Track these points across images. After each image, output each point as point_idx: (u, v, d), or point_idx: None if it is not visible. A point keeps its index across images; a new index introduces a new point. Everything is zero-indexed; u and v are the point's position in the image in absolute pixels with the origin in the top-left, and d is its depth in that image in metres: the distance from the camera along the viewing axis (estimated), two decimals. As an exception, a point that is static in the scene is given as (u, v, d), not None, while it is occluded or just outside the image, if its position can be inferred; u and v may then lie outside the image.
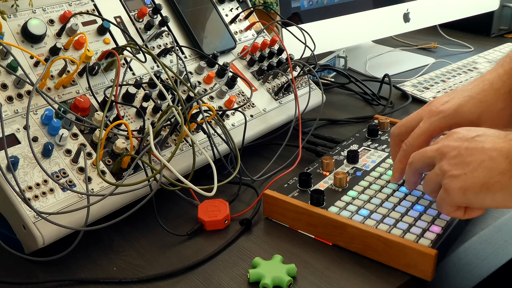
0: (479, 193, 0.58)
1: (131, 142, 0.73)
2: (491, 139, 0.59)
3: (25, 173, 0.66)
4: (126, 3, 0.89)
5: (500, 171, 0.57)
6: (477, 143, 0.60)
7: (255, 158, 0.93)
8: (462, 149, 0.61)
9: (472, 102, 0.69)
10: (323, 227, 0.71)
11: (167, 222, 0.75)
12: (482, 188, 0.58)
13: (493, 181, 0.57)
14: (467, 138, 0.61)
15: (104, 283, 0.66)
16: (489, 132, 0.61)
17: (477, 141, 0.60)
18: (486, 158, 0.58)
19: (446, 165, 0.62)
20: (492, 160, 0.58)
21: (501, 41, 1.57)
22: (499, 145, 0.58)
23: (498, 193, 0.57)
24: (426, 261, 0.63)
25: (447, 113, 0.70)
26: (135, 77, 0.84)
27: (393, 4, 1.36)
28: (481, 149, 0.59)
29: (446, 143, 0.63)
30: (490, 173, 0.58)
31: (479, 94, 0.70)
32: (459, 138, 0.62)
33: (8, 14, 0.76)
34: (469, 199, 0.60)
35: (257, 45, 1.01)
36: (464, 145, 0.61)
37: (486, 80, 0.71)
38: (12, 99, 0.71)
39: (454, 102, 0.70)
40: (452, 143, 0.62)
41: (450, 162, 0.61)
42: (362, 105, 1.17)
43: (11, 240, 0.67)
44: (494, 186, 0.57)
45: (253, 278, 0.64)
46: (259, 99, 0.96)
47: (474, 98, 0.70)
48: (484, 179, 0.58)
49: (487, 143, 0.59)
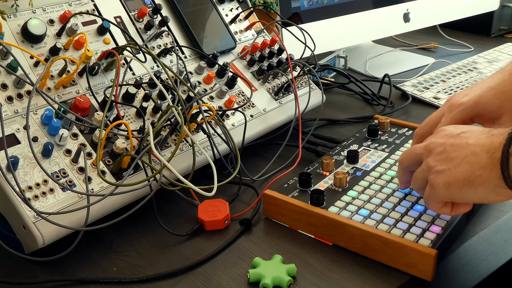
0: (462, 187, 0.59)
1: (131, 142, 0.73)
2: (475, 135, 0.60)
3: (25, 173, 0.66)
4: (126, 3, 0.89)
5: (481, 165, 0.57)
6: (462, 139, 0.61)
7: (255, 158, 0.93)
8: (448, 145, 0.61)
9: (492, 92, 0.70)
10: (323, 227, 0.71)
11: (167, 222, 0.75)
12: (465, 183, 0.59)
13: (475, 175, 0.58)
14: (453, 134, 0.62)
15: (104, 283, 0.66)
16: (474, 129, 0.62)
17: (462, 137, 0.61)
18: (469, 153, 0.59)
19: (432, 161, 0.63)
20: (475, 155, 0.58)
21: (501, 41, 1.57)
22: (481, 141, 0.58)
23: (480, 187, 0.58)
24: (426, 261, 0.63)
25: (467, 105, 0.70)
26: (135, 77, 0.84)
27: (393, 4, 1.36)
28: (465, 145, 0.60)
29: (433, 140, 0.64)
30: (472, 167, 0.58)
31: (499, 85, 0.70)
32: (446, 134, 0.63)
33: (8, 14, 0.76)
34: (453, 194, 0.61)
35: (257, 45, 1.01)
36: (450, 142, 0.62)
37: (506, 71, 0.71)
38: (12, 99, 0.71)
39: (474, 94, 0.71)
40: (438, 140, 0.63)
41: (435, 158, 0.62)
42: (362, 105, 1.17)
43: (11, 240, 0.67)
44: (476, 180, 0.58)
45: (253, 278, 0.64)
46: (259, 99, 0.96)
47: (494, 89, 0.70)
48: (467, 174, 0.58)
49: (471, 139, 0.60)
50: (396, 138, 0.90)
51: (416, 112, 1.12)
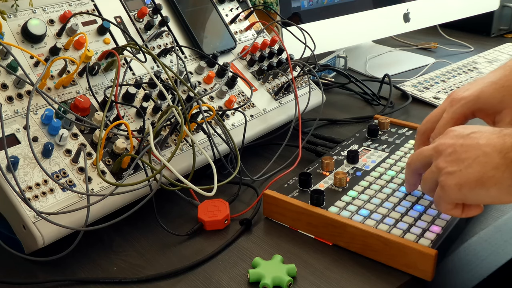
0: (474, 188, 0.59)
1: (131, 142, 0.73)
2: (486, 135, 0.60)
3: (25, 173, 0.66)
4: (126, 3, 0.89)
5: (493, 166, 0.57)
6: (472, 140, 0.60)
7: (255, 158, 0.93)
8: (458, 146, 0.61)
9: (493, 87, 0.70)
10: (323, 227, 0.71)
11: (167, 222, 0.75)
12: (477, 184, 0.58)
13: (487, 176, 0.57)
14: (463, 135, 0.62)
15: (104, 283, 0.66)
16: (484, 129, 0.61)
17: (472, 137, 0.60)
18: (480, 153, 0.58)
19: (442, 162, 0.62)
20: (486, 156, 0.58)
21: (501, 41, 1.57)
22: (493, 141, 0.58)
23: (493, 188, 0.57)
24: (426, 261, 0.63)
25: (469, 99, 0.70)
26: (135, 77, 0.84)
27: (393, 4, 1.36)
28: (475, 145, 0.59)
29: (442, 141, 0.63)
30: (484, 168, 0.58)
31: (501, 79, 0.70)
32: (455, 135, 0.63)
33: (8, 14, 0.76)
34: (465, 195, 0.60)
35: (257, 45, 1.01)
36: (460, 142, 0.61)
37: (508, 67, 0.71)
38: (12, 99, 0.71)
39: (475, 88, 0.71)
40: (448, 141, 0.63)
41: (446, 159, 0.62)
42: (362, 105, 1.17)
43: (11, 240, 0.67)
44: (489, 181, 0.57)
45: (253, 278, 0.64)
46: (259, 99, 0.96)
47: (495, 83, 0.70)
48: (479, 175, 0.58)
49: (482, 139, 0.59)
50: (396, 138, 0.90)
51: (416, 112, 1.12)
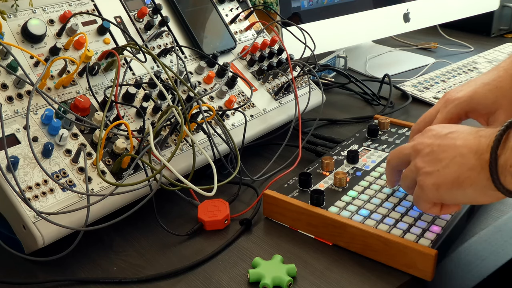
0: (451, 189, 0.59)
1: (131, 142, 0.73)
2: (463, 135, 0.60)
3: (25, 173, 0.66)
4: (126, 3, 0.89)
5: (469, 167, 0.57)
6: (450, 140, 0.60)
7: (255, 158, 0.93)
8: (435, 146, 0.61)
9: (487, 88, 0.70)
10: (323, 227, 0.71)
11: (167, 222, 0.75)
12: (453, 184, 0.59)
13: (463, 177, 0.58)
14: (440, 135, 0.62)
15: (104, 283, 0.66)
16: (462, 129, 0.61)
17: (450, 138, 0.61)
18: (457, 154, 0.59)
19: (420, 162, 0.63)
20: (462, 157, 0.58)
21: (501, 41, 1.57)
22: (469, 142, 0.58)
23: (469, 189, 0.58)
24: (426, 261, 0.63)
25: (462, 100, 0.70)
26: (135, 77, 0.84)
27: (393, 4, 1.36)
28: (452, 146, 0.60)
29: (421, 140, 0.64)
30: (460, 169, 0.58)
31: (494, 80, 0.70)
32: (433, 135, 0.63)
33: (8, 14, 0.76)
34: (442, 195, 0.61)
35: (257, 45, 1.01)
36: (437, 142, 0.61)
37: (501, 67, 0.72)
38: (12, 99, 0.71)
39: (469, 89, 0.71)
40: (426, 140, 0.63)
41: (424, 159, 0.62)
42: (362, 105, 1.17)
43: (11, 240, 0.67)
44: (465, 182, 0.58)
45: (253, 278, 0.64)
46: (259, 99, 0.96)
47: (489, 84, 0.70)
48: (455, 175, 0.58)
49: (459, 140, 0.60)
50: (396, 138, 0.90)
51: (416, 112, 1.12)
